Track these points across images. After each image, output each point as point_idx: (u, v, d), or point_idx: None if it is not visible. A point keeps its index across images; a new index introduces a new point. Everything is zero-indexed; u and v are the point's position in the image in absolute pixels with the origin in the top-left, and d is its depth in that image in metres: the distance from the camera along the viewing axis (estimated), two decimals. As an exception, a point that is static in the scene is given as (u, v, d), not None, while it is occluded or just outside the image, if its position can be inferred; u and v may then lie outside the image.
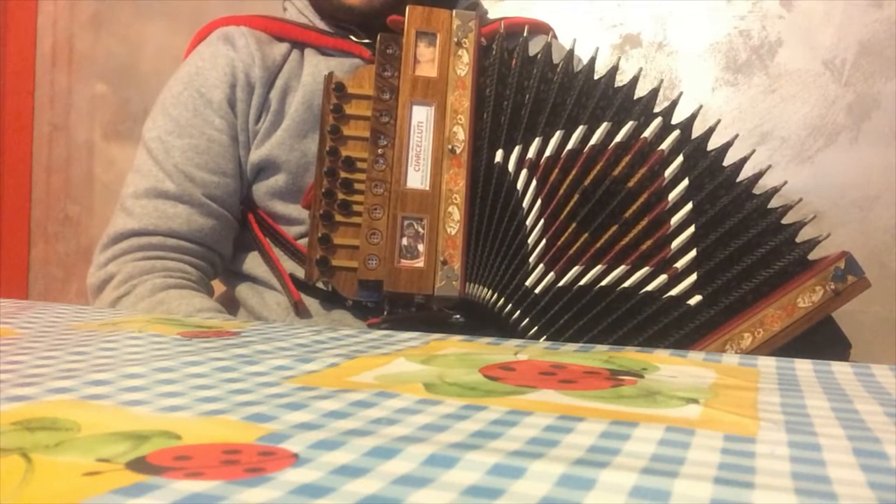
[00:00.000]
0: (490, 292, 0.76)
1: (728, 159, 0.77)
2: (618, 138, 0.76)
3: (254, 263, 0.94)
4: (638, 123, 0.76)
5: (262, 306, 0.91)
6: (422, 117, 0.76)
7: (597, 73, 0.79)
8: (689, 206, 0.74)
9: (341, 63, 0.93)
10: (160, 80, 1.02)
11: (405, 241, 0.74)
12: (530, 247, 0.75)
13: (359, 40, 0.94)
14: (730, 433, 0.34)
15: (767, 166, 0.77)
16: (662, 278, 0.74)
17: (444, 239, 0.74)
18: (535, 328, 0.75)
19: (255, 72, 0.91)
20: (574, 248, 0.75)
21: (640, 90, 0.79)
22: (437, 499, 0.25)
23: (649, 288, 0.74)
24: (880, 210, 1.28)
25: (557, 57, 0.80)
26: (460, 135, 0.76)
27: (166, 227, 0.89)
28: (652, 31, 1.39)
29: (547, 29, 1.01)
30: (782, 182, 0.77)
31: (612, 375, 0.47)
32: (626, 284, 0.74)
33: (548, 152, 0.76)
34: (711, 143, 0.77)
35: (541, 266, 0.75)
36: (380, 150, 0.76)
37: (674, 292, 0.74)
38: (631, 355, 0.54)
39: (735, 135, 0.78)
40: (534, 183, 0.75)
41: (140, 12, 1.67)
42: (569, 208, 0.75)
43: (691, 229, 0.74)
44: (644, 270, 0.74)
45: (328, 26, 0.95)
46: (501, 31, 0.80)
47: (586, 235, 0.75)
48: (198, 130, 0.92)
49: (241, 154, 0.93)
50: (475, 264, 0.75)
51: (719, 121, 0.79)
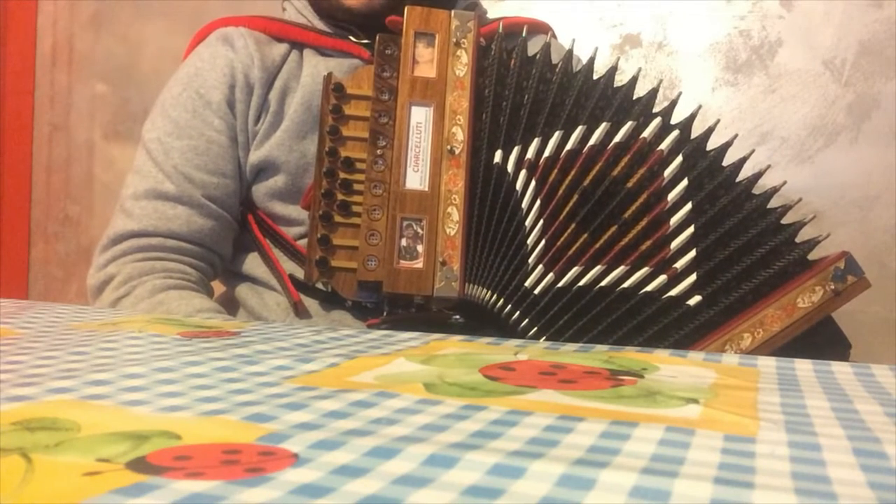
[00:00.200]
0: (489, 293, 0.76)
1: (728, 159, 0.77)
2: (617, 138, 0.76)
3: (253, 264, 0.94)
4: (637, 123, 0.76)
5: (261, 307, 0.91)
6: (421, 118, 0.76)
7: (596, 73, 0.79)
8: (689, 206, 0.74)
9: (340, 63, 0.93)
10: (160, 80, 1.02)
11: (404, 241, 0.74)
12: (529, 247, 0.75)
13: (358, 41, 0.94)
14: (730, 433, 0.34)
15: (767, 166, 0.77)
16: (662, 279, 0.74)
17: (443, 240, 0.74)
18: (534, 329, 0.75)
19: (255, 73, 0.91)
20: (573, 249, 0.75)
21: (640, 90, 0.79)
22: (437, 499, 0.25)
23: (649, 288, 0.74)
24: (880, 210, 1.28)
25: (556, 57, 0.80)
26: (459, 135, 0.76)
27: (166, 228, 0.89)
28: (652, 31, 1.39)
29: (546, 29, 1.01)
30: (782, 182, 0.77)
31: (612, 375, 0.47)
32: (626, 285, 0.74)
33: (547, 153, 0.76)
34: (711, 143, 0.77)
35: (540, 267, 0.75)
36: (379, 151, 0.76)
37: (673, 293, 0.74)
38: (631, 355, 0.54)
39: (735, 135, 0.78)
40: (533, 183, 0.75)
41: (140, 12, 1.67)
42: (568, 209, 0.75)
43: (691, 229, 0.74)
44: (644, 271, 0.74)
45: (327, 27, 0.95)
46: (500, 32, 0.80)
47: (586, 236, 0.75)
48: (197, 131, 0.92)
49: (241, 155, 0.93)
50: (474, 265, 0.75)
51: (718, 121, 0.79)
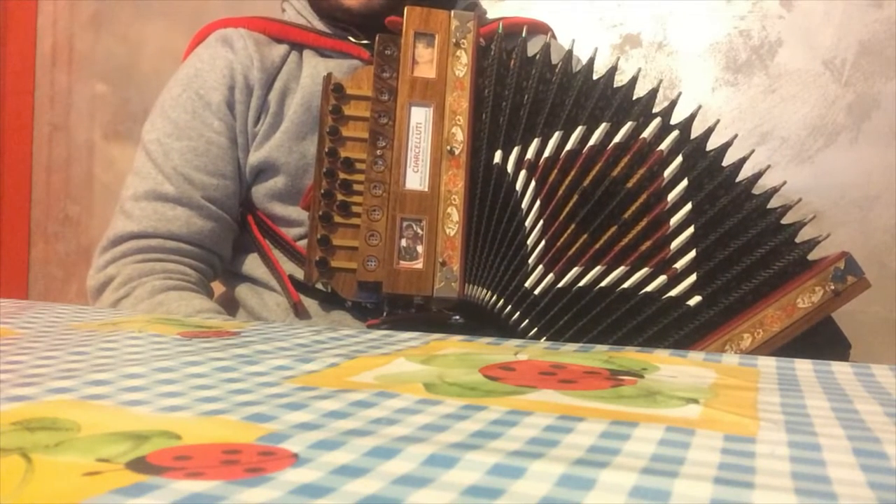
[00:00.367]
0: (489, 293, 0.75)
1: (728, 159, 0.77)
2: (617, 139, 0.76)
3: (253, 265, 0.94)
4: (637, 124, 0.76)
5: (261, 307, 0.91)
6: (420, 118, 0.76)
7: (596, 74, 0.79)
8: (689, 206, 0.74)
9: (340, 64, 0.93)
10: (160, 80, 1.02)
11: (404, 242, 0.74)
12: (529, 248, 0.75)
13: (357, 41, 0.94)
14: (730, 433, 0.34)
15: (767, 166, 0.77)
16: (662, 279, 0.74)
17: (442, 240, 0.74)
18: (534, 329, 0.75)
19: (254, 74, 0.91)
20: (573, 249, 0.74)
21: (640, 90, 0.79)
22: (437, 499, 0.25)
23: (649, 289, 0.74)
24: (880, 210, 1.28)
25: (556, 57, 0.80)
26: (459, 136, 0.76)
27: (165, 229, 0.89)
28: (652, 31, 1.39)
29: (546, 29, 1.01)
30: (782, 182, 0.77)
31: (612, 375, 0.47)
32: (626, 285, 0.74)
33: (546, 153, 0.76)
34: (711, 143, 0.77)
35: (540, 267, 0.75)
36: (378, 152, 0.76)
37: (673, 293, 0.74)
38: (631, 355, 0.54)
39: (734, 135, 0.78)
40: (532, 184, 0.75)
41: (140, 12, 1.67)
42: (568, 209, 0.75)
43: (691, 230, 0.74)
44: (644, 271, 0.74)
45: (327, 27, 0.95)
46: (500, 32, 0.80)
47: (585, 236, 0.75)
48: (196, 133, 0.92)
49: (240, 156, 0.93)
50: (474, 265, 0.75)
51: (718, 121, 0.78)
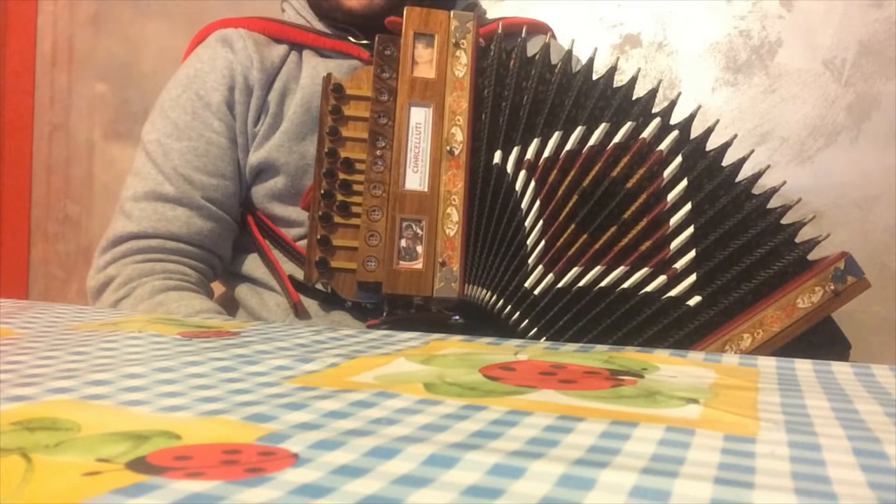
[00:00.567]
0: (489, 294, 0.75)
1: (727, 159, 0.77)
2: (616, 139, 0.76)
3: (253, 265, 0.94)
4: (637, 124, 0.76)
5: (261, 307, 0.91)
6: (420, 118, 0.76)
7: (596, 74, 0.79)
8: (688, 206, 0.74)
9: (340, 64, 0.93)
10: (160, 80, 1.02)
11: (404, 242, 0.74)
12: (529, 248, 0.75)
13: (357, 41, 0.94)
14: (730, 433, 0.34)
15: (767, 166, 0.77)
16: (662, 279, 0.74)
17: (442, 240, 0.74)
18: (534, 329, 0.75)
19: (254, 74, 0.91)
20: (573, 249, 0.74)
21: (640, 90, 0.79)
22: (437, 499, 0.25)
23: (649, 289, 0.74)
24: (880, 210, 1.28)
25: (556, 57, 0.80)
26: (458, 136, 0.76)
27: (165, 229, 0.90)
28: (652, 31, 1.39)
29: (545, 29, 1.01)
30: (782, 182, 0.77)
31: (612, 375, 0.47)
32: (626, 285, 0.74)
33: (546, 153, 0.76)
34: (711, 143, 0.77)
35: (540, 267, 0.75)
36: (378, 152, 0.76)
37: (673, 293, 0.74)
38: (631, 355, 0.54)
39: (734, 135, 0.78)
40: (532, 184, 0.75)
41: (140, 12, 1.67)
42: (567, 209, 0.75)
43: (690, 230, 0.74)
44: (643, 271, 0.74)
45: (326, 27, 0.95)
46: (499, 32, 0.79)
47: (585, 236, 0.75)
48: (196, 133, 0.92)
49: (240, 156, 0.93)
50: (474, 266, 0.75)
51: (718, 121, 0.79)
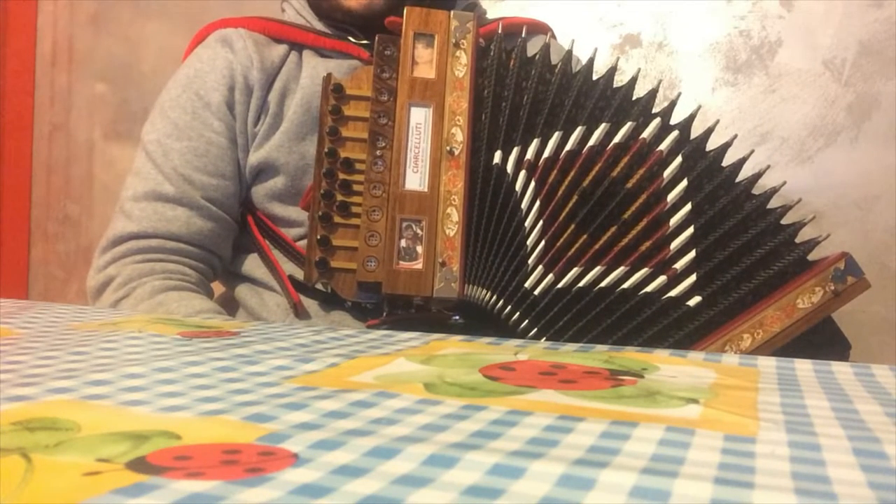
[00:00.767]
0: (489, 294, 0.75)
1: (727, 160, 0.77)
2: (616, 139, 0.76)
3: (253, 265, 0.94)
4: (637, 124, 0.76)
5: (261, 307, 0.91)
6: (420, 119, 0.76)
7: (596, 74, 0.79)
8: (688, 206, 0.74)
9: (340, 64, 0.93)
10: (160, 80, 1.02)
11: (403, 242, 0.74)
12: (529, 248, 0.75)
13: (357, 41, 0.94)
14: (730, 433, 0.34)
15: (767, 166, 0.77)
16: (662, 279, 0.74)
17: (442, 240, 0.74)
18: (534, 329, 0.75)
19: (254, 74, 0.91)
20: (573, 250, 0.74)
21: (640, 90, 0.79)
22: (437, 499, 0.25)
23: (649, 289, 0.74)
24: (880, 210, 1.28)
25: (556, 57, 0.80)
26: (458, 136, 0.76)
27: (165, 229, 0.90)
28: (652, 31, 1.39)
29: (545, 29, 1.01)
30: (782, 182, 0.77)
31: (612, 375, 0.47)
32: (626, 286, 0.74)
33: (546, 153, 0.76)
34: (711, 143, 0.77)
35: (540, 267, 0.75)
36: (378, 152, 0.76)
37: (673, 293, 0.74)
38: (631, 355, 0.54)
39: (734, 135, 0.78)
40: (532, 184, 0.75)
41: (140, 12, 1.67)
42: (567, 209, 0.75)
43: (690, 230, 0.74)
44: (643, 271, 0.74)
45: (326, 27, 0.95)
46: (499, 32, 0.79)
47: (585, 237, 0.75)
48: (196, 133, 0.92)
49: (240, 156, 0.93)
50: (474, 266, 0.75)
51: (718, 121, 0.79)
